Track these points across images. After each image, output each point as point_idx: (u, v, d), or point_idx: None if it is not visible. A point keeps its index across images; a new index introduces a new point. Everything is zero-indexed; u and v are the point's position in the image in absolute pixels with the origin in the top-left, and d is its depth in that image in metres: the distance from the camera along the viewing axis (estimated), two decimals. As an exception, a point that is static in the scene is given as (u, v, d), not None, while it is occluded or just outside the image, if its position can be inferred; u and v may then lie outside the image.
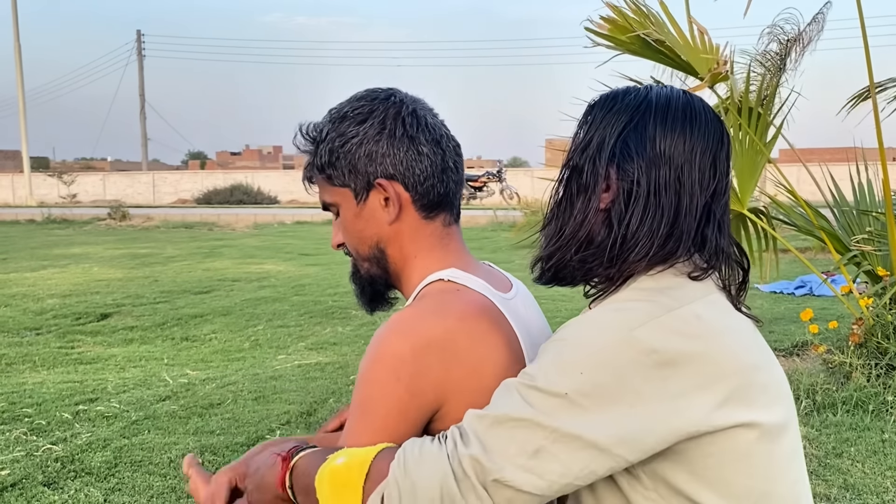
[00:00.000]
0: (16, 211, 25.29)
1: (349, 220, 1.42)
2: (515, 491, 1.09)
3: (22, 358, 5.55)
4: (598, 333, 1.14)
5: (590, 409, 1.09)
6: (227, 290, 8.58)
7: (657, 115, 1.26)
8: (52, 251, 13.25)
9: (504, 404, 1.13)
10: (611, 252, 1.22)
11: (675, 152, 1.24)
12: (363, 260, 1.45)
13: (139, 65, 51.20)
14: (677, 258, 1.22)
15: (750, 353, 1.19)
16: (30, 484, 3.18)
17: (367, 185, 1.38)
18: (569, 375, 1.11)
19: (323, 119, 1.42)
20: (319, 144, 1.40)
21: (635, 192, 1.22)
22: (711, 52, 3.80)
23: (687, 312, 1.17)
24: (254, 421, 3.94)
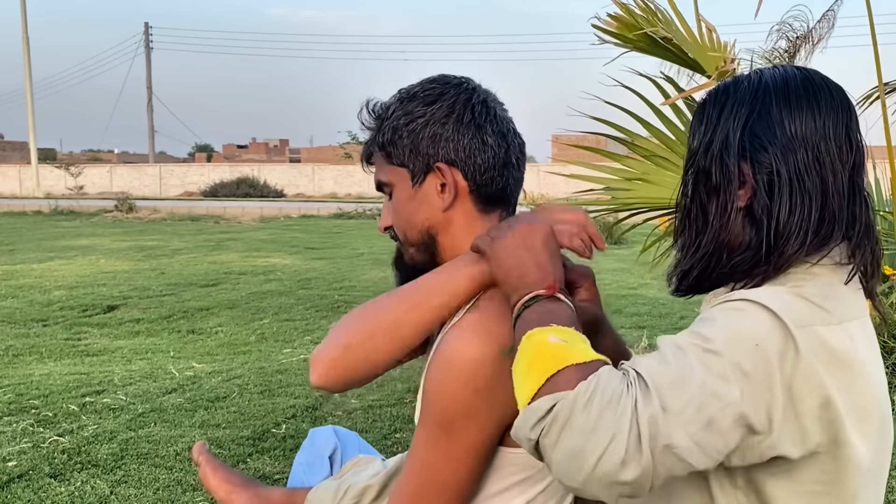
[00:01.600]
0: (23, 202, 25.36)
1: (402, 201, 1.38)
2: (679, 460, 1.05)
3: (29, 349, 5.57)
4: (764, 315, 1.09)
5: (758, 386, 1.06)
6: (233, 283, 8.60)
7: (778, 97, 1.20)
8: (58, 243, 13.29)
9: (680, 364, 1.07)
10: (765, 250, 1.17)
11: (808, 132, 1.18)
12: (410, 245, 1.42)
13: (146, 57, 51.26)
14: (832, 242, 1.17)
15: (879, 388, 1.17)
16: (36, 475, 3.19)
17: (425, 168, 1.35)
18: (745, 345, 1.07)
19: (391, 98, 1.40)
20: (384, 121, 1.37)
21: (777, 181, 1.17)
22: (720, 49, 3.78)
23: (843, 332, 1.13)
24: (259, 414, 3.95)
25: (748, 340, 1.07)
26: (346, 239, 14.16)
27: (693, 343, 1.09)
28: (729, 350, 1.06)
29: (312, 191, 35.58)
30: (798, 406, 1.08)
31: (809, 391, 1.08)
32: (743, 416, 1.06)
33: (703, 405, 1.05)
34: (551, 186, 23.77)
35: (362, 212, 20.42)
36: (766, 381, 1.07)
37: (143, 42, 51.39)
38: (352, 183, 34.93)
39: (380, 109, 1.39)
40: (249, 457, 3.41)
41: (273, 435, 3.66)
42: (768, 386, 1.07)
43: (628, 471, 1.04)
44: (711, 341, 1.08)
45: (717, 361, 1.06)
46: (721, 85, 1.28)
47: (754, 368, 1.06)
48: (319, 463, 1.94)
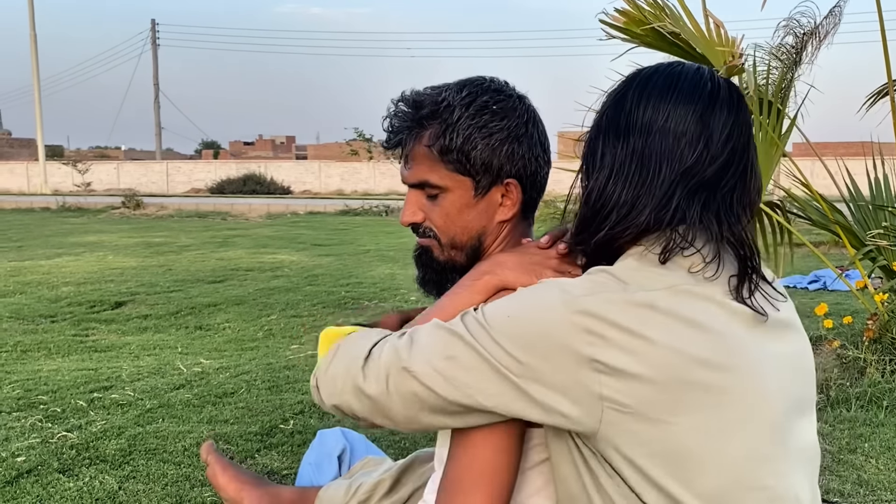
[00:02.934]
0: (31, 199, 25.43)
1: (457, 208, 1.39)
2: (419, 383, 1.17)
3: (37, 345, 5.59)
4: (547, 293, 1.18)
5: (504, 346, 1.15)
6: (240, 279, 8.62)
7: (637, 86, 1.24)
8: (66, 239, 13.32)
9: (453, 326, 1.21)
10: (587, 227, 1.25)
11: (649, 121, 1.20)
12: (453, 247, 1.43)
13: (153, 54, 51.33)
14: (651, 230, 1.21)
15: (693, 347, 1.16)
16: (45, 471, 3.20)
17: (493, 181, 1.38)
18: (498, 315, 1.18)
19: (448, 97, 1.38)
20: (448, 125, 1.36)
21: (598, 165, 1.23)
22: (727, 44, 3.78)
23: (641, 297, 1.16)
24: (267, 410, 3.96)
25: (517, 316, 1.17)
26: (353, 235, 14.17)
27: (472, 314, 1.22)
28: (495, 327, 1.17)
29: (319, 188, 35.61)
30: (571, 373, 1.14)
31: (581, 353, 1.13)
32: (496, 368, 1.15)
33: (448, 344, 1.17)
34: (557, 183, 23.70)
35: (368, 208, 20.44)
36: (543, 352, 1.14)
37: (151, 39, 51.46)
38: (358, 180, 34.95)
39: (437, 107, 1.37)
40: (258, 452, 3.42)
41: (281, 431, 3.66)
42: (543, 356, 1.14)
43: (369, 384, 1.20)
44: (485, 315, 1.19)
45: (480, 330, 1.18)
46: None
47: (519, 348, 1.15)
48: (328, 463, 1.95)
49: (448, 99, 1.37)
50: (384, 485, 1.73)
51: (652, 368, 1.12)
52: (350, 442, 2.12)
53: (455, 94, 1.37)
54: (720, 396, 1.16)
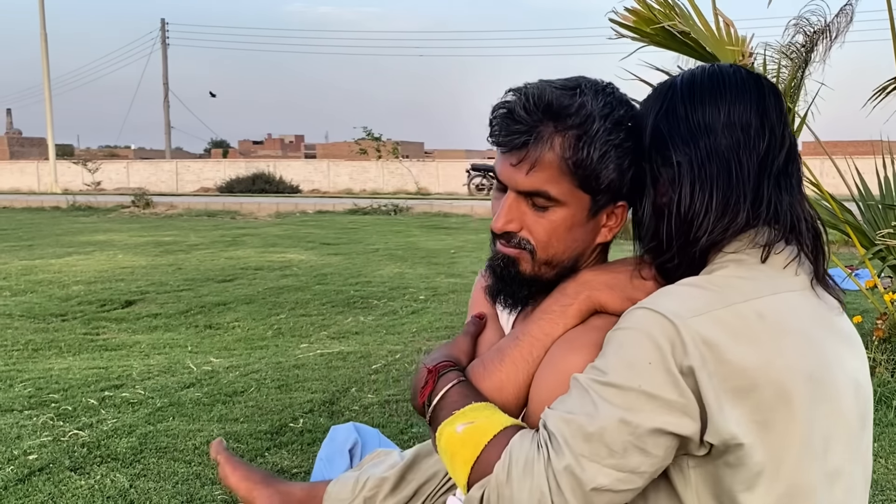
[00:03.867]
0: (41, 198, 25.53)
1: (567, 225, 1.30)
2: (613, 492, 1.11)
3: (48, 344, 5.62)
4: (654, 322, 1.12)
5: (665, 400, 1.09)
6: (249, 278, 8.64)
7: (683, 94, 1.23)
8: (76, 238, 13.37)
9: (583, 405, 1.12)
10: (677, 240, 1.20)
11: (711, 120, 1.19)
12: (547, 265, 1.33)
13: (163, 53, 51.47)
14: (746, 227, 1.19)
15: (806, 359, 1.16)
16: (57, 469, 3.22)
17: (609, 202, 1.30)
18: (638, 368, 1.10)
19: (586, 102, 1.27)
20: (587, 136, 1.25)
21: (678, 172, 1.19)
22: (737, 43, 3.77)
23: (747, 309, 1.13)
24: (277, 409, 3.97)
25: (641, 361, 1.11)
26: (362, 234, 14.19)
27: (591, 379, 1.14)
28: (625, 378, 1.11)
29: (328, 186, 35.64)
30: (715, 395, 1.10)
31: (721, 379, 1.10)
32: (658, 430, 1.10)
33: (613, 438, 1.10)
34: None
35: (377, 207, 20.45)
36: (674, 390, 1.10)
37: (160, 38, 51.60)
38: (367, 179, 34.97)
39: (576, 113, 1.26)
40: (267, 451, 3.43)
41: (291, 429, 3.68)
42: (679, 393, 1.10)
43: None
44: (606, 373, 1.13)
45: (617, 393, 1.11)
46: None
47: (655, 386, 1.10)
48: (339, 457, 1.96)
49: (588, 106, 1.26)
50: (388, 483, 1.73)
51: (769, 386, 1.12)
52: (362, 436, 2.12)
53: (592, 99, 1.26)
54: (817, 410, 1.16)
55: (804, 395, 1.14)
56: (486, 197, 25.46)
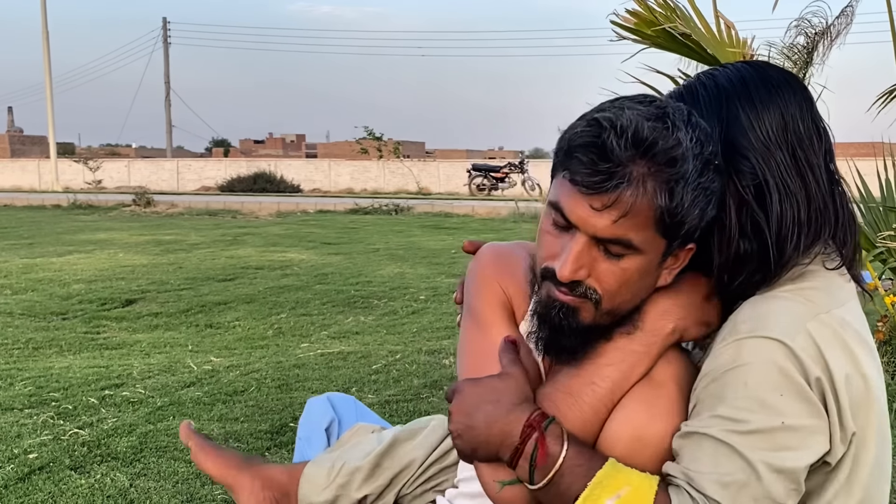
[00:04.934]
0: (42, 196, 25.54)
1: (641, 273, 1.16)
2: None
3: (49, 342, 5.63)
4: (771, 349, 1.08)
5: (808, 428, 1.07)
6: (250, 277, 8.64)
7: (742, 100, 1.18)
8: (77, 236, 13.37)
9: (731, 463, 1.07)
10: (771, 256, 1.16)
11: (779, 131, 1.16)
12: (609, 313, 1.19)
13: (164, 52, 51.51)
14: (822, 237, 1.18)
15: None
16: (57, 468, 3.23)
17: (680, 246, 1.18)
18: (772, 404, 1.06)
19: (682, 139, 1.11)
20: (680, 181, 1.10)
21: (766, 189, 1.15)
22: (739, 45, 3.78)
23: (830, 319, 1.13)
24: (277, 409, 3.98)
25: (773, 395, 1.07)
26: (363, 234, 14.19)
27: (729, 431, 1.08)
28: (765, 419, 1.07)
29: (329, 186, 35.64)
30: (846, 414, 1.10)
31: (844, 390, 1.09)
32: (809, 464, 1.08)
33: (778, 491, 1.06)
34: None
35: (378, 207, 20.45)
36: (812, 414, 1.08)
37: (162, 37, 51.65)
38: (368, 178, 34.97)
39: (673, 153, 1.10)
40: (267, 451, 3.44)
41: (291, 429, 3.68)
42: (816, 414, 1.08)
43: None
44: (744, 421, 1.07)
45: (764, 438, 1.07)
46: (675, 95, 1.25)
47: (796, 416, 1.07)
48: (317, 436, 1.93)
49: (683, 144, 1.10)
50: (361, 472, 1.71)
51: (864, 396, 1.13)
52: (338, 411, 2.07)
53: (685, 134, 1.11)
54: (882, 418, 1.17)
55: (882, 405, 1.15)
56: (488, 197, 25.46)
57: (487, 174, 27.42)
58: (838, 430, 1.09)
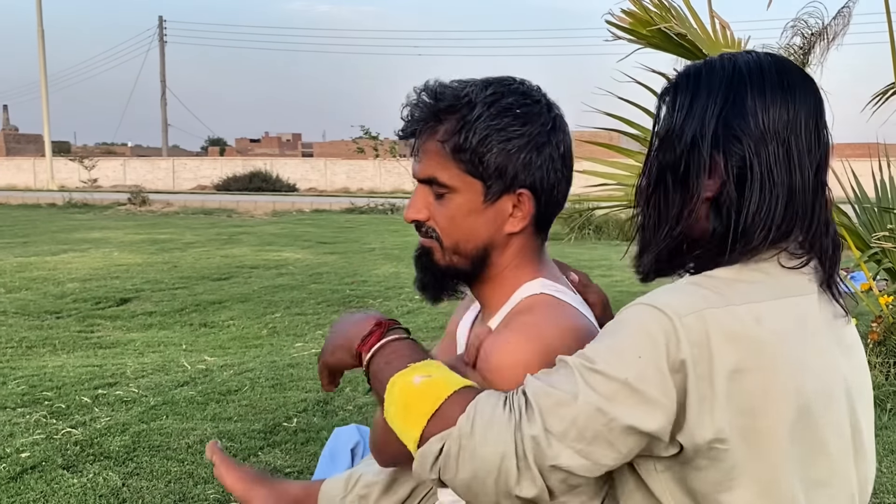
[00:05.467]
0: (37, 195, 25.50)
1: (463, 212, 1.33)
2: (569, 474, 1.11)
3: (42, 341, 5.61)
4: (651, 317, 1.11)
5: (648, 397, 1.09)
6: (245, 276, 8.63)
7: (753, 86, 1.18)
8: (72, 235, 13.35)
9: (566, 384, 1.11)
10: (729, 242, 1.17)
11: (780, 125, 1.16)
12: (456, 254, 1.36)
13: (160, 51, 51.44)
14: (791, 237, 1.17)
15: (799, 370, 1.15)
16: (49, 467, 3.21)
17: (505, 189, 1.31)
18: (627, 360, 1.09)
19: (470, 92, 1.31)
20: (465, 122, 1.29)
21: (749, 175, 1.16)
22: (733, 46, 3.77)
23: (745, 312, 1.12)
24: (271, 408, 3.97)
25: (632, 354, 1.10)
26: (358, 234, 14.18)
27: (580, 363, 1.12)
28: (613, 368, 1.10)
29: (325, 185, 35.63)
30: (699, 395, 1.09)
31: (707, 378, 1.09)
32: (632, 427, 1.09)
33: (586, 424, 1.09)
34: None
35: (374, 207, 20.45)
36: (659, 387, 1.09)
37: (158, 36, 51.56)
38: (364, 178, 34.97)
39: (457, 101, 1.30)
40: (261, 450, 3.43)
41: (284, 429, 3.67)
42: (662, 391, 1.09)
43: (523, 488, 1.11)
44: (594, 361, 1.11)
45: (602, 381, 1.10)
46: (692, 69, 1.25)
47: (641, 380, 1.09)
48: (343, 455, 1.95)
49: (470, 95, 1.29)
50: (377, 487, 1.72)
51: (756, 391, 1.13)
52: (363, 437, 2.11)
53: (479, 90, 1.30)
54: (804, 419, 1.16)
55: (790, 402, 1.13)
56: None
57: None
58: (692, 419, 1.09)
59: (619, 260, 9.44)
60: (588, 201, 5.67)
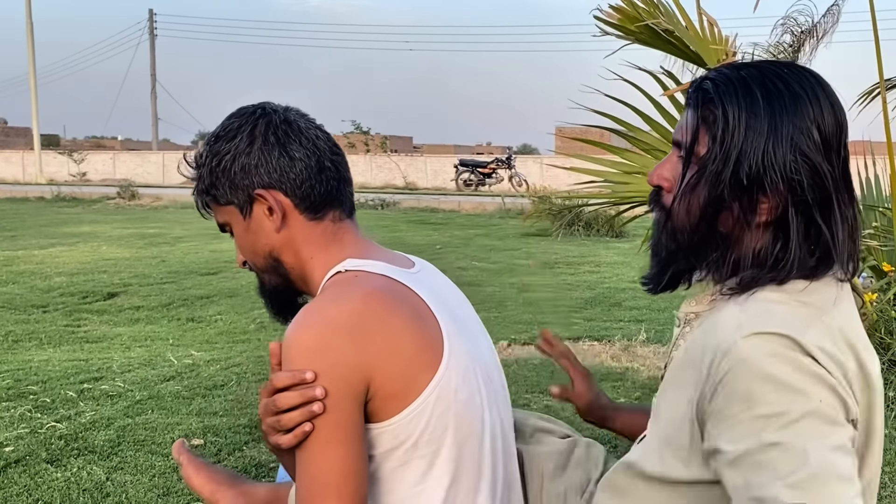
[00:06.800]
0: (25, 188, 25.37)
1: (241, 235, 1.44)
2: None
3: (28, 335, 5.59)
4: (774, 343, 1.05)
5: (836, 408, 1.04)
6: (233, 271, 8.59)
7: (800, 106, 1.14)
8: (60, 229, 13.30)
9: (790, 461, 1.00)
10: (779, 264, 1.14)
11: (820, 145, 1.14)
12: (262, 272, 1.46)
13: (151, 44, 51.19)
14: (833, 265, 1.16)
15: None
16: (33, 461, 3.21)
17: (248, 198, 1.40)
18: (794, 388, 1.02)
19: (201, 145, 1.46)
20: (201, 168, 1.43)
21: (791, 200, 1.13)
22: (721, 43, 3.78)
23: (831, 321, 1.11)
24: (257, 403, 3.94)
25: (791, 380, 1.03)
26: (348, 229, 14.15)
27: (774, 429, 1.02)
28: (801, 404, 1.02)
29: (315, 180, 35.57)
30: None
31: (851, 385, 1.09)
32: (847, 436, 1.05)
33: (842, 468, 1.01)
34: (553, 178, 23.74)
35: (364, 202, 20.41)
36: (834, 391, 1.05)
37: (148, 29, 51.31)
38: (354, 172, 34.02)
39: (195, 159, 1.45)
40: (246, 445, 3.42)
41: (270, 423, 3.67)
42: (840, 402, 1.05)
43: None
44: (782, 414, 1.02)
45: (802, 425, 1.01)
46: (726, 81, 1.18)
47: (829, 406, 1.03)
48: None
49: (199, 149, 1.46)
50: None
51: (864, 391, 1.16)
52: None
53: (203, 141, 1.45)
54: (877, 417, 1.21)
55: (878, 402, 1.15)
56: (475, 193, 25.46)
57: (475, 169, 27.40)
58: (857, 420, 1.09)
59: (637, 255, 9.47)
60: (578, 198, 5.68)
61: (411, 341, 1.26)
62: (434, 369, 1.27)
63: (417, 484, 1.30)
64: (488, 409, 1.37)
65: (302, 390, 1.21)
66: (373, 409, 1.25)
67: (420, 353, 1.27)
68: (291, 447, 1.23)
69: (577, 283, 7.91)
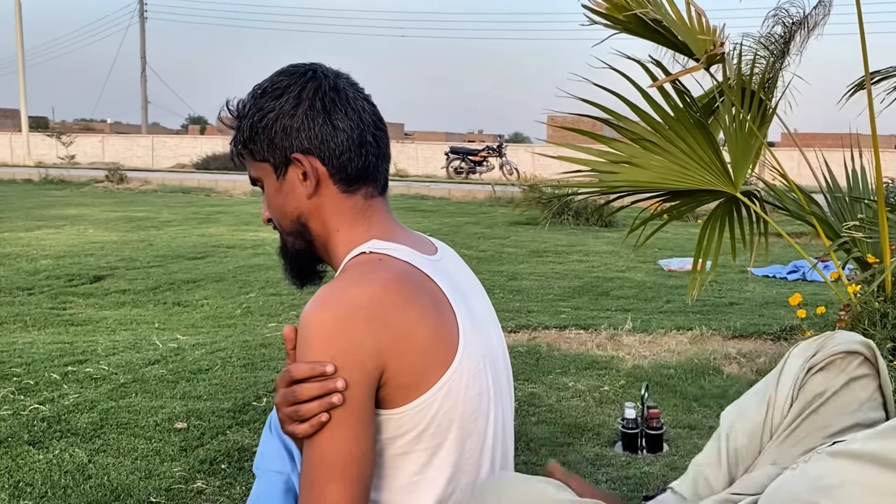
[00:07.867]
0: (13, 170, 25.21)
1: (271, 194, 1.44)
2: None
3: (13, 318, 5.57)
4: None
5: None
6: (221, 256, 8.59)
7: None
8: (47, 212, 13.23)
9: None
10: None
11: None
12: (287, 234, 1.47)
13: (141, 27, 50.85)
14: None
15: None
16: (15, 442, 3.20)
17: (284, 160, 1.39)
18: None
19: (247, 94, 1.44)
20: (242, 120, 1.42)
21: None
22: (708, 33, 3.78)
23: None
24: (241, 387, 3.96)
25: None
26: (337, 215, 14.12)
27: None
28: None
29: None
30: None
31: None
32: None
33: None
34: (544, 167, 23.75)
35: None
36: None
37: (138, 11, 50.96)
38: (345, 159, 34.79)
39: (237, 108, 1.43)
40: (229, 429, 3.42)
41: (253, 408, 3.67)
42: None
43: None
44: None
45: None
46: None
47: None
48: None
49: (243, 99, 1.44)
50: None
51: None
52: None
53: (253, 92, 1.43)
54: None
55: None
56: (465, 180, 25.43)
57: (465, 157, 27.36)
58: None
59: (625, 245, 9.48)
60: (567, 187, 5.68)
61: (427, 334, 1.26)
62: (447, 364, 1.27)
63: (416, 474, 1.31)
64: (494, 406, 1.37)
65: (323, 382, 1.20)
66: (383, 395, 1.25)
67: (435, 347, 1.26)
68: (308, 435, 1.23)
69: (565, 271, 7.92)
